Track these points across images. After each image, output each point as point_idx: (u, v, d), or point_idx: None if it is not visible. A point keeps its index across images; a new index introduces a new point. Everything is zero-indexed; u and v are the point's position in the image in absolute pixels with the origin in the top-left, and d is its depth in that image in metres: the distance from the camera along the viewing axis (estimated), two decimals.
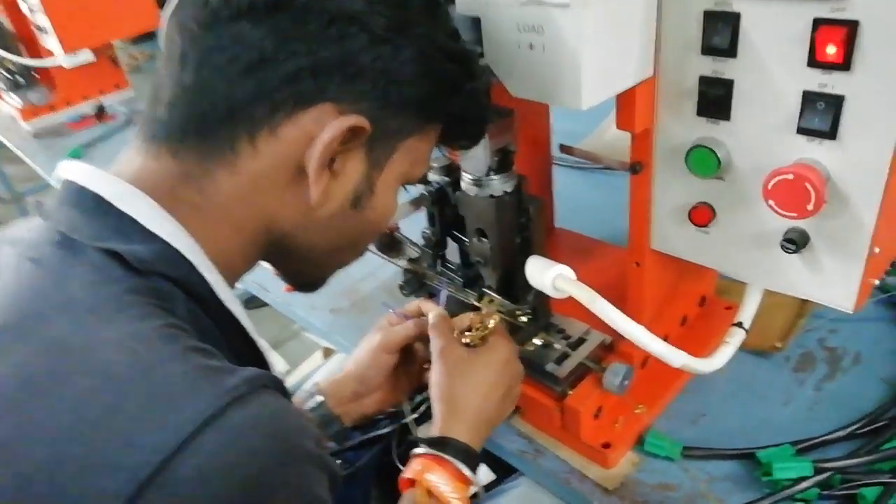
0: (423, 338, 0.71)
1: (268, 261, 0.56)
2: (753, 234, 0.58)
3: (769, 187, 0.52)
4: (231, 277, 0.50)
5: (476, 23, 0.54)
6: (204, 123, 0.47)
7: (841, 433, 0.68)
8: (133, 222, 0.45)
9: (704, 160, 0.57)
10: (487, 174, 0.65)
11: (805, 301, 0.84)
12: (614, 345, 0.76)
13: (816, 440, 0.67)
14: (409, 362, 0.75)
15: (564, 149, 0.93)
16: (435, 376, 0.66)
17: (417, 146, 0.54)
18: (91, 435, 0.36)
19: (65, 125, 1.72)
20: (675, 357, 0.58)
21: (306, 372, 1.89)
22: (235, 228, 0.49)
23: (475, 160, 0.65)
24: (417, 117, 0.52)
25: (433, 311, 0.71)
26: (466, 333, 0.70)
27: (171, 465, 0.35)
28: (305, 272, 0.59)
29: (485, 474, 1.15)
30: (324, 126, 0.46)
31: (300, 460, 0.41)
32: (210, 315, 0.46)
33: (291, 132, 0.47)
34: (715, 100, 0.55)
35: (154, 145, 0.48)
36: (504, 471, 0.78)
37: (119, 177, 0.47)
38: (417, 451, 0.62)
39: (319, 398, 0.73)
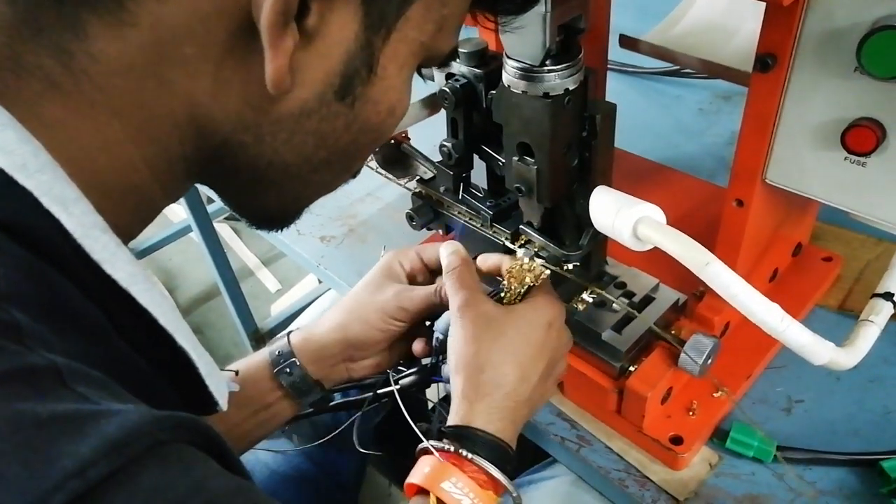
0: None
1: (203, 183, 0.36)
2: None
3: None
4: (128, 217, 0.31)
5: None
6: None
7: None
8: None
9: (891, 50, 0.37)
10: (543, 63, 0.45)
11: None
12: (687, 305, 0.58)
13: None
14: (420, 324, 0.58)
15: (626, 41, 0.72)
16: (455, 341, 0.49)
17: (444, 1, 0.35)
18: None
19: None
20: (821, 351, 0.40)
21: (299, 296, 1.73)
22: (134, 129, 0.30)
23: (526, 40, 0.44)
24: None
25: (449, 249, 0.54)
26: (501, 286, 0.52)
27: None
28: (264, 202, 0.39)
29: None
30: None
31: None
32: (82, 285, 0.27)
33: None
34: None
35: None
36: (529, 455, 0.62)
37: None
38: (429, 444, 0.45)
39: (293, 360, 0.56)
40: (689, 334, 0.52)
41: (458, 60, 0.54)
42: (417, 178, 0.64)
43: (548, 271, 0.52)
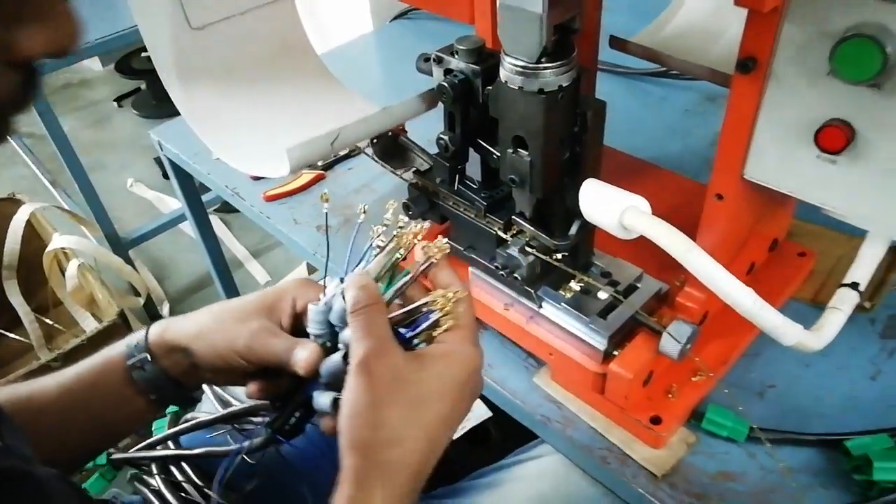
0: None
1: None
2: None
3: None
4: None
5: None
6: None
7: None
8: None
9: (861, 57, 0.40)
10: (539, 60, 0.47)
11: None
12: (669, 294, 0.61)
13: None
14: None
15: (616, 43, 0.75)
16: (352, 406, 0.40)
17: None
18: None
19: None
20: (791, 333, 0.43)
21: None
22: None
23: (523, 38, 0.47)
24: None
25: (357, 283, 0.44)
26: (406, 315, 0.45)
27: None
28: None
29: (480, 409, 1.04)
30: None
31: None
32: None
33: None
34: None
35: None
36: (518, 436, 0.65)
37: None
38: None
39: (145, 356, 0.53)
40: (669, 322, 0.55)
41: (457, 57, 0.56)
42: (414, 169, 0.67)
43: (446, 249, 0.46)
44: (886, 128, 0.42)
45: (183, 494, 0.59)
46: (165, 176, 2.25)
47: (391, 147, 0.67)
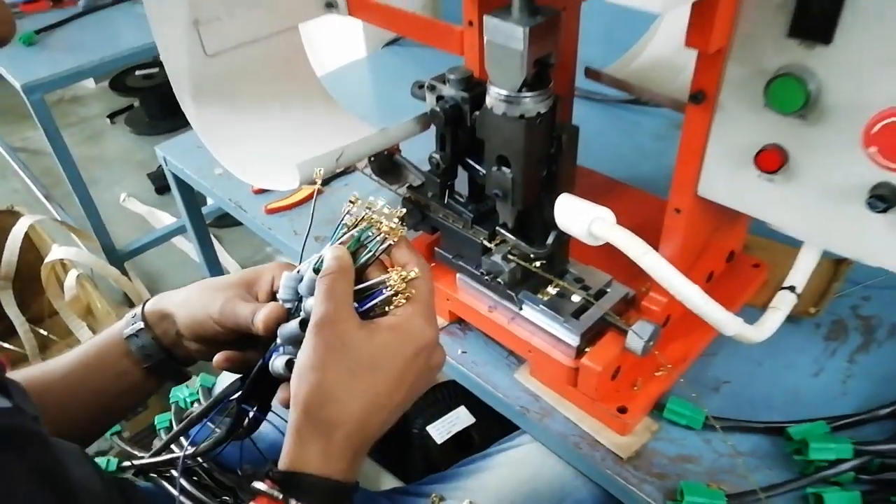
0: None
1: None
2: (833, 187, 0.49)
3: (873, 131, 0.43)
4: None
5: None
6: None
7: (880, 412, 0.62)
8: None
9: (789, 92, 0.47)
10: (520, 90, 0.55)
11: (840, 263, 0.77)
12: (635, 298, 0.68)
13: (853, 418, 0.61)
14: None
15: (591, 73, 0.83)
16: (300, 364, 0.44)
17: None
18: None
19: (16, 5, 1.52)
20: (730, 323, 0.51)
21: None
22: None
23: (507, 71, 0.54)
24: None
25: (333, 253, 0.48)
26: (368, 289, 0.48)
27: None
28: None
29: (464, 416, 1.10)
30: None
31: None
32: None
33: None
34: (817, 17, 0.45)
35: None
36: (502, 428, 0.71)
37: None
38: (257, 487, 0.42)
39: (140, 325, 0.57)
40: (635, 322, 0.62)
41: (448, 84, 0.63)
42: (408, 185, 0.74)
43: (400, 231, 0.49)
44: (813, 151, 0.49)
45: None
46: (158, 191, 2.30)
47: (387, 164, 0.74)
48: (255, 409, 0.51)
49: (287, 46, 0.79)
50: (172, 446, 0.70)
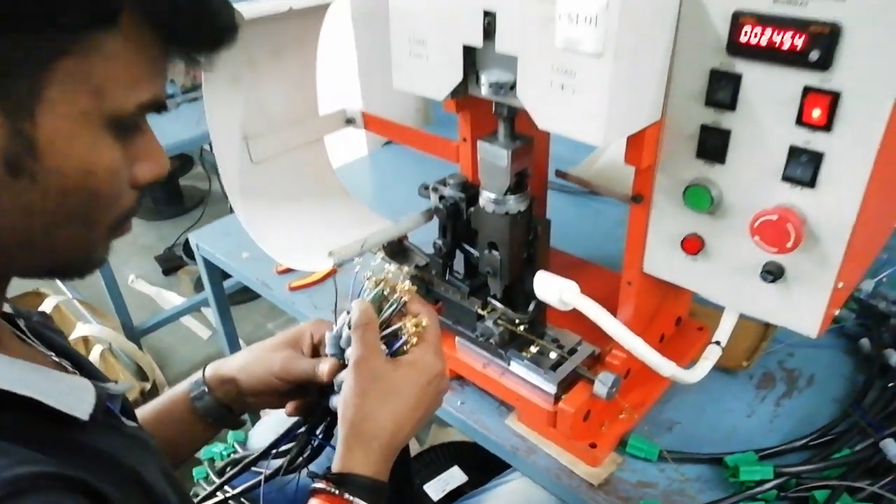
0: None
1: None
2: (737, 265, 0.67)
3: (755, 225, 0.60)
4: None
5: (514, 61, 0.62)
6: None
7: (797, 443, 0.77)
8: None
9: (699, 197, 0.65)
10: (505, 194, 0.73)
11: (769, 326, 0.93)
12: (601, 356, 0.84)
13: (776, 449, 0.76)
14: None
15: (560, 174, 1.02)
16: (345, 393, 0.58)
17: (91, 68, 0.39)
18: None
19: None
20: (666, 366, 0.66)
21: None
22: None
23: (495, 180, 0.72)
24: (51, 30, 0.37)
25: (359, 308, 0.62)
26: (392, 334, 0.63)
27: None
28: (34, 263, 0.45)
29: (458, 475, 1.23)
30: None
31: None
32: None
33: None
34: (713, 146, 0.63)
35: None
36: (494, 469, 0.85)
37: None
38: (315, 485, 0.55)
39: (203, 388, 0.70)
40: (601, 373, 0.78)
41: (448, 187, 0.81)
42: (415, 265, 0.90)
43: (413, 290, 0.64)
44: (721, 239, 0.67)
45: None
46: (165, 273, 2.45)
47: (398, 248, 0.91)
48: (321, 438, 0.66)
49: (315, 154, 0.98)
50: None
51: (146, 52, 0.42)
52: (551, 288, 0.70)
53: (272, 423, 0.99)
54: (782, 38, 0.54)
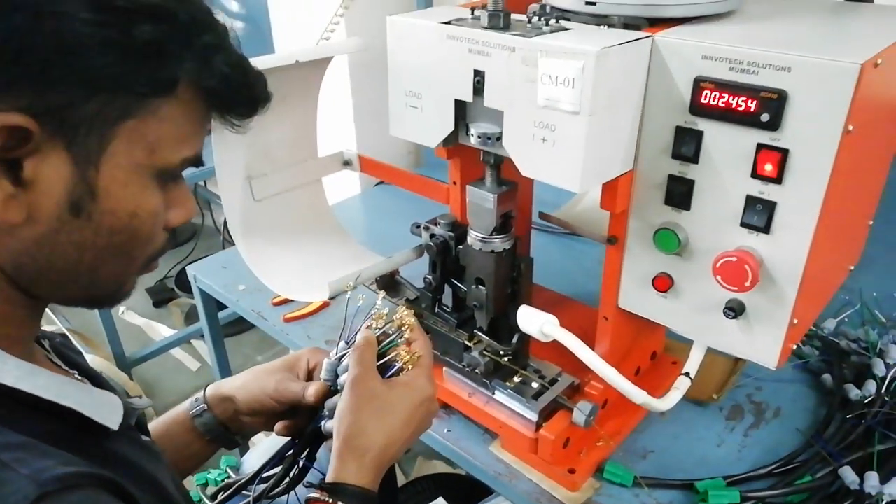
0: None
1: (30, 295, 0.49)
2: (702, 302, 0.73)
3: (717, 266, 0.67)
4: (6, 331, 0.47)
5: (500, 115, 0.68)
6: None
7: (762, 471, 0.82)
8: None
9: (668, 240, 0.72)
10: (491, 233, 0.79)
11: (737, 361, 0.99)
12: (581, 387, 0.89)
13: (743, 476, 0.81)
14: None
15: (543, 215, 1.09)
16: (340, 408, 0.62)
17: (148, 128, 0.46)
18: None
19: None
20: (638, 395, 0.72)
21: None
22: None
23: (482, 221, 0.79)
24: (122, 95, 0.44)
25: (362, 334, 0.67)
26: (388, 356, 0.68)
27: None
28: (73, 295, 0.51)
29: None
30: None
31: None
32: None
33: None
34: (679, 194, 0.70)
35: None
36: (477, 501, 0.89)
37: None
38: (310, 495, 0.59)
39: (203, 406, 0.75)
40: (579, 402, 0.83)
41: (439, 226, 0.87)
42: (406, 298, 0.95)
43: (410, 320, 0.69)
44: (688, 278, 0.73)
45: None
46: (155, 305, 2.47)
47: (390, 282, 0.96)
48: (305, 460, 0.70)
49: (313, 193, 1.04)
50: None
51: (193, 115, 0.48)
52: (533, 321, 0.75)
53: (264, 451, 1.02)
54: (737, 101, 0.62)
